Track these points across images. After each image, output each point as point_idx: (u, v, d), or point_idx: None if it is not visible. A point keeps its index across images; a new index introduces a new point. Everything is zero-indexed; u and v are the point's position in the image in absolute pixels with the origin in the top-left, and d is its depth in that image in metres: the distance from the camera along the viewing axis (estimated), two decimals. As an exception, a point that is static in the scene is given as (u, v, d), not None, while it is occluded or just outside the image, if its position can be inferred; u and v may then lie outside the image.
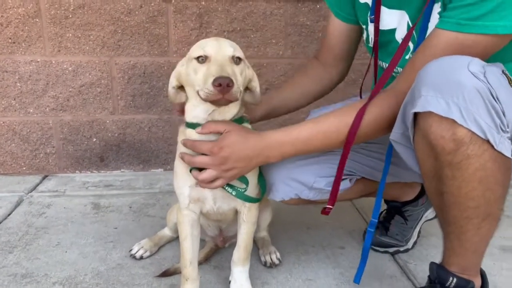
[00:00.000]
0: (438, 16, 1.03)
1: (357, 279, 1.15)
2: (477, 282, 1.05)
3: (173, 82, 1.09)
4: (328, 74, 1.41)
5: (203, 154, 1.04)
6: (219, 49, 1.00)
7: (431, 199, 1.04)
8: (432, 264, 1.07)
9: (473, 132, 0.84)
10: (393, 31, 1.17)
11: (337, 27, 1.35)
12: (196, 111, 1.05)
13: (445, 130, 0.85)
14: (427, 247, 1.51)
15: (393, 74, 1.24)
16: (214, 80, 0.92)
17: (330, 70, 1.41)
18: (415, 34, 1.11)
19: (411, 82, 0.94)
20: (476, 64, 0.87)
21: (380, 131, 1.04)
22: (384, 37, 1.20)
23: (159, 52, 2.12)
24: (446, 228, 1.00)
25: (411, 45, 1.14)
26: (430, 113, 0.86)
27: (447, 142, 0.86)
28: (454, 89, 0.84)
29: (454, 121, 0.84)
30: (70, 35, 2.05)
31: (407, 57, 1.15)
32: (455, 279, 1.01)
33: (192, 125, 1.06)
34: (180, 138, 1.10)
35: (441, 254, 1.00)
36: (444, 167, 0.90)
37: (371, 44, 1.26)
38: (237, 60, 1.02)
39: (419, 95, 0.88)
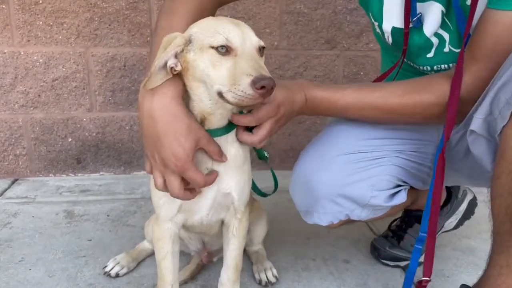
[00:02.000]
0: None
1: None
2: None
3: (171, 59, 0.81)
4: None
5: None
6: (245, 38, 0.80)
7: (497, 203, 0.84)
8: (464, 287, 0.90)
9: None
10: (420, 28, 1.04)
11: None
12: (216, 118, 0.86)
13: None
14: (441, 260, 1.38)
15: (427, 72, 1.11)
16: (256, 81, 0.73)
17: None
18: (449, 23, 0.99)
19: (477, 74, 0.89)
20: None
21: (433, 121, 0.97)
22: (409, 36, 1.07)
23: (140, 43, 1.98)
24: (508, 240, 0.81)
25: (445, 35, 1.01)
26: None
27: None
28: None
29: None
30: (41, 23, 1.90)
31: (446, 49, 1.02)
32: None
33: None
34: None
35: (458, 268, 0.84)
36: None
37: (389, 42, 1.12)
38: (262, 51, 0.84)
39: None
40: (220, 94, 0.79)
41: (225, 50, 0.78)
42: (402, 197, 1.08)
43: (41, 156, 2.04)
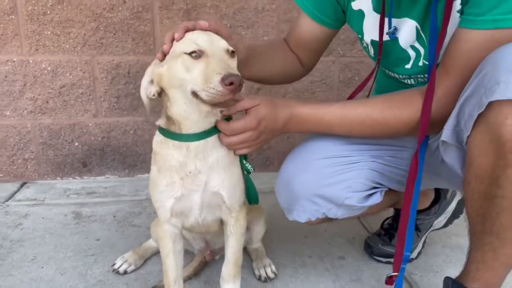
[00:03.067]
0: (458, 14, 0.95)
1: None
2: None
3: (152, 89, 0.93)
4: (297, 63, 1.34)
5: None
6: (212, 42, 0.89)
7: (470, 206, 0.91)
8: (447, 279, 0.97)
9: None
10: (395, 40, 1.11)
11: (309, 27, 1.27)
12: (192, 118, 0.93)
13: None
14: (431, 256, 1.44)
15: (404, 81, 1.17)
16: (224, 78, 0.81)
17: (299, 61, 1.34)
18: (424, 38, 1.05)
19: (449, 88, 0.93)
20: None
21: (413, 133, 1.01)
22: (386, 47, 1.14)
23: (144, 51, 2.03)
24: (482, 239, 0.89)
25: (421, 49, 1.07)
26: (507, 102, 0.77)
27: None
28: None
29: None
30: (49, 32, 1.95)
31: (420, 63, 1.08)
32: None
33: (186, 137, 0.95)
34: (161, 149, 0.99)
35: (447, 264, 0.90)
36: (509, 167, 0.79)
37: (372, 54, 1.20)
38: (231, 54, 0.92)
39: (495, 82, 0.78)
40: (194, 94, 0.86)
41: (198, 55, 0.87)
42: (377, 198, 1.14)
43: (49, 160, 2.08)
